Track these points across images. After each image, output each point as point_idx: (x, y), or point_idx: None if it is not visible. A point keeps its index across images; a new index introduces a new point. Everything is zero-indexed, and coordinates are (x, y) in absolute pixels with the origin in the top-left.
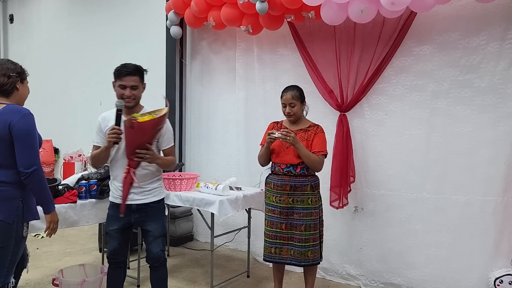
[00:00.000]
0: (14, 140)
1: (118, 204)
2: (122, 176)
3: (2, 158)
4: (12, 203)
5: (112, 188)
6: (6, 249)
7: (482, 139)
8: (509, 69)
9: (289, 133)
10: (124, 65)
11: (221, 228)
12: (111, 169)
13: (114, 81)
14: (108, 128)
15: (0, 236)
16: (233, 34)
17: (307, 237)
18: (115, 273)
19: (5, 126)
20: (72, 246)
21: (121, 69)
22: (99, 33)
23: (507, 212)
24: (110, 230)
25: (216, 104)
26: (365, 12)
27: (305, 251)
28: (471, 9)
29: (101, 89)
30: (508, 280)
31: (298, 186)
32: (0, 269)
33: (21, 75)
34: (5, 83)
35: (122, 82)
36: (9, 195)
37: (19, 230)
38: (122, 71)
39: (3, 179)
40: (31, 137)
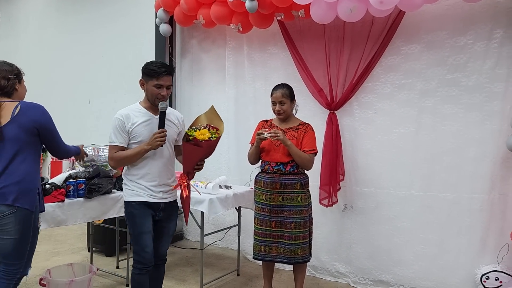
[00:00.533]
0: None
1: (147, 202)
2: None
3: (28, 151)
4: (33, 193)
5: (137, 187)
6: (26, 239)
7: (469, 137)
8: (495, 68)
9: (277, 132)
10: (162, 65)
11: (211, 226)
12: (138, 168)
13: (146, 80)
14: (134, 127)
15: (23, 224)
16: (223, 32)
17: (297, 234)
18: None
19: (30, 121)
20: (60, 245)
21: (159, 69)
22: (88, 31)
23: (493, 210)
24: (146, 230)
25: (206, 102)
26: (354, 11)
27: (295, 249)
28: (458, 9)
29: (90, 87)
30: (494, 276)
31: (288, 184)
32: (20, 259)
33: (19, 75)
34: (6, 85)
35: (159, 82)
36: (32, 186)
37: (35, 220)
38: (161, 71)
39: (29, 170)
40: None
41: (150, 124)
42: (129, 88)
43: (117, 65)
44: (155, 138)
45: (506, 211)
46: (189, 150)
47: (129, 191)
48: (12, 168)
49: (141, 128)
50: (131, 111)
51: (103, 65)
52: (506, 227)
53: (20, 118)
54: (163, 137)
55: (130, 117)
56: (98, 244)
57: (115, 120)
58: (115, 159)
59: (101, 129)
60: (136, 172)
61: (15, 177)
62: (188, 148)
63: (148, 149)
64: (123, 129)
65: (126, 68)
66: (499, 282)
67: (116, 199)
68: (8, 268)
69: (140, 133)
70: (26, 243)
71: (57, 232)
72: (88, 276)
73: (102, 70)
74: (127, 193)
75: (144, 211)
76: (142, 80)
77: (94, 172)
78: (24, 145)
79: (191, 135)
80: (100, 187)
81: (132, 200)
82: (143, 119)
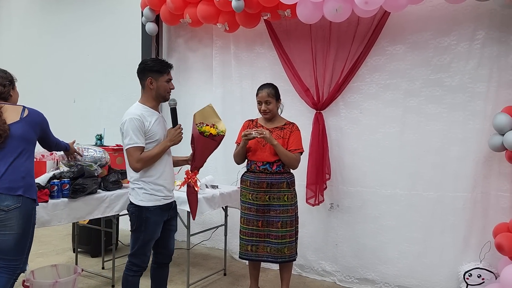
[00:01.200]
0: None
1: (164, 206)
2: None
3: (31, 149)
4: (35, 187)
5: (155, 189)
6: (27, 234)
7: (452, 137)
8: (477, 68)
9: (263, 130)
10: (164, 60)
11: (198, 226)
12: (155, 167)
13: (156, 77)
14: (151, 126)
15: (26, 219)
16: (209, 32)
17: (284, 233)
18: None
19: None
20: (45, 246)
21: (165, 64)
22: (72, 30)
23: (476, 208)
24: (156, 237)
25: (193, 102)
26: (340, 11)
27: (281, 248)
28: (442, 10)
29: (74, 86)
30: (476, 273)
31: (275, 183)
32: (21, 255)
33: (12, 82)
34: (2, 91)
35: (169, 76)
36: (33, 181)
37: (34, 215)
38: (168, 65)
39: (31, 167)
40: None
41: (160, 122)
42: (115, 87)
43: (103, 64)
44: (178, 134)
45: (488, 209)
46: (206, 145)
47: (147, 195)
48: (17, 164)
49: (156, 126)
50: (141, 111)
51: (89, 64)
52: (488, 225)
53: (29, 119)
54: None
55: (145, 117)
56: (83, 245)
57: (133, 121)
58: (143, 160)
59: (87, 129)
60: (154, 172)
61: (20, 172)
62: (206, 142)
63: (171, 145)
64: (142, 129)
65: (112, 67)
66: (482, 279)
67: (101, 199)
68: (10, 264)
69: (156, 132)
70: (27, 238)
71: (41, 233)
72: (73, 277)
73: (87, 69)
74: (144, 197)
75: (159, 218)
76: (150, 79)
77: (78, 172)
78: (28, 143)
79: (205, 131)
80: (85, 187)
81: (151, 205)
82: (155, 118)
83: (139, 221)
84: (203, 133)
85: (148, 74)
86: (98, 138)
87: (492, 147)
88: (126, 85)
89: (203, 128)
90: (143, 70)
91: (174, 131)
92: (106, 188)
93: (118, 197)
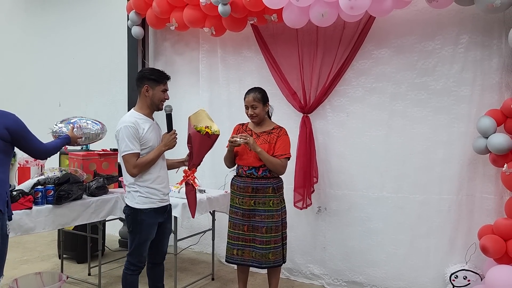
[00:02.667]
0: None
1: (159, 208)
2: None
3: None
4: (3, 196)
5: (151, 192)
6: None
7: (438, 139)
8: (461, 72)
9: (247, 137)
10: (163, 71)
11: (186, 231)
12: (150, 172)
13: (153, 85)
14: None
15: None
16: (196, 35)
17: (268, 239)
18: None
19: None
20: (29, 253)
21: (163, 74)
22: (57, 32)
23: (461, 210)
24: (151, 237)
25: (180, 105)
26: (326, 16)
27: (266, 253)
28: (426, 14)
29: (60, 90)
30: (462, 275)
31: (260, 188)
32: None
33: None
34: None
35: (166, 86)
36: (2, 190)
37: (4, 226)
38: (165, 76)
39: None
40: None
41: (154, 129)
42: (101, 90)
43: (88, 67)
44: (173, 139)
45: (473, 211)
46: (203, 142)
47: (142, 198)
48: None
49: (149, 133)
50: (135, 118)
51: (74, 67)
52: (473, 227)
53: None
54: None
55: (139, 124)
56: (69, 251)
57: (128, 128)
58: (140, 166)
59: None
60: (149, 176)
61: None
62: (203, 141)
63: (165, 149)
64: (137, 136)
65: (97, 70)
66: (467, 281)
67: (86, 205)
68: None
69: (149, 139)
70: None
71: (26, 239)
72: (57, 285)
73: (73, 72)
74: (140, 200)
75: (154, 220)
76: (147, 86)
77: (63, 178)
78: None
79: (201, 130)
80: (70, 193)
81: (146, 208)
82: (148, 125)
83: (134, 223)
84: (199, 131)
85: (145, 81)
86: None
87: (477, 150)
88: (112, 89)
89: (199, 127)
90: (141, 78)
91: (169, 136)
92: (92, 193)
93: (104, 202)
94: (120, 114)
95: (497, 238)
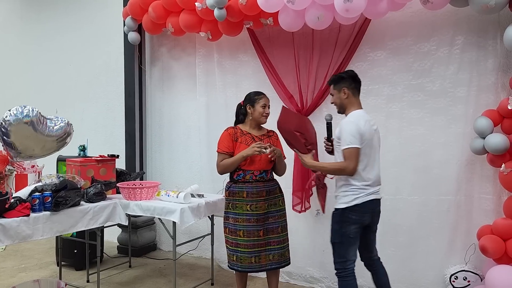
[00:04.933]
0: None
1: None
2: None
3: None
4: None
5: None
6: None
7: (435, 140)
8: (457, 73)
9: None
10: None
11: (184, 236)
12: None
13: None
14: None
15: None
16: (192, 40)
17: (284, 237)
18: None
19: None
20: (27, 261)
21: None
22: (53, 39)
23: (460, 211)
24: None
25: (178, 110)
26: (322, 19)
27: (284, 252)
28: (422, 16)
29: (57, 96)
30: (462, 276)
31: (272, 190)
32: None
33: None
34: None
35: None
36: None
37: None
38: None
39: None
40: None
41: None
42: (98, 97)
43: (85, 74)
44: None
45: (472, 212)
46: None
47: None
48: None
49: None
50: None
51: (71, 73)
52: (472, 228)
53: None
54: None
55: None
56: (67, 258)
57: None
58: None
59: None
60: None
61: None
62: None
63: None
64: None
65: (94, 76)
66: (467, 282)
67: (84, 211)
68: None
69: None
70: None
71: (23, 247)
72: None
73: (70, 79)
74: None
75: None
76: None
77: (61, 184)
78: None
79: None
80: (68, 200)
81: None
82: None
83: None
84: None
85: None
86: (82, 149)
87: (474, 150)
88: (109, 95)
89: None
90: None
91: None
92: (90, 200)
93: (102, 208)
94: (118, 120)
95: (496, 238)
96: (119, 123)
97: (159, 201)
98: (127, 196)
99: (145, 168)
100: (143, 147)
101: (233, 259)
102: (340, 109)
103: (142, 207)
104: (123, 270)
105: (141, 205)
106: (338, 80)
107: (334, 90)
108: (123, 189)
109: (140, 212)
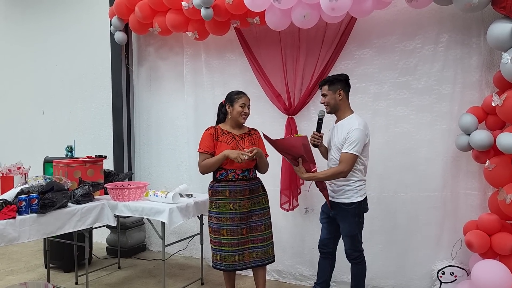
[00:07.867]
0: None
1: None
2: None
3: None
4: None
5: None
6: None
7: (421, 138)
8: (442, 70)
9: (253, 149)
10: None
11: (174, 236)
12: None
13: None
14: None
15: None
16: (180, 40)
17: (267, 235)
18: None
19: None
20: (15, 263)
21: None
22: (39, 40)
23: (446, 207)
24: None
25: (166, 110)
26: (308, 17)
27: (267, 250)
28: (407, 14)
29: (43, 97)
30: (449, 271)
31: (255, 188)
32: None
33: None
34: None
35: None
36: None
37: None
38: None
39: None
40: None
41: None
42: (85, 97)
43: (72, 74)
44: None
45: (458, 208)
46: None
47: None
48: None
49: None
50: None
51: (57, 74)
52: (458, 223)
53: None
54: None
55: None
56: (55, 260)
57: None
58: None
59: (57, 141)
60: None
61: None
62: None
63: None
64: None
65: (81, 77)
66: (454, 277)
67: (71, 213)
68: None
69: None
70: None
71: (11, 250)
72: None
73: (56, 79)
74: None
75: None
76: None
77: (47, 186)
78: None
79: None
80: (55, 201)
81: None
82: None
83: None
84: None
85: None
86: (69, 150)
87: (459, 147)
88: (96, 95)
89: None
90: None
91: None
92: (77, 201)
93: (90, 210)
94: (105, 120)
95: (482, 233)
96: (106, 123)
97: (147, 201)
98: (115, 197)
99: (133, 168)
100: (131, 147)
101: (217, 258)
102: (332, 110)
103: (130, 207)
104: (112, 272)
105: (129, 205)
106: (334, 81)
107: (329, 90)
108: (111, 190)
109: (129, 213)
